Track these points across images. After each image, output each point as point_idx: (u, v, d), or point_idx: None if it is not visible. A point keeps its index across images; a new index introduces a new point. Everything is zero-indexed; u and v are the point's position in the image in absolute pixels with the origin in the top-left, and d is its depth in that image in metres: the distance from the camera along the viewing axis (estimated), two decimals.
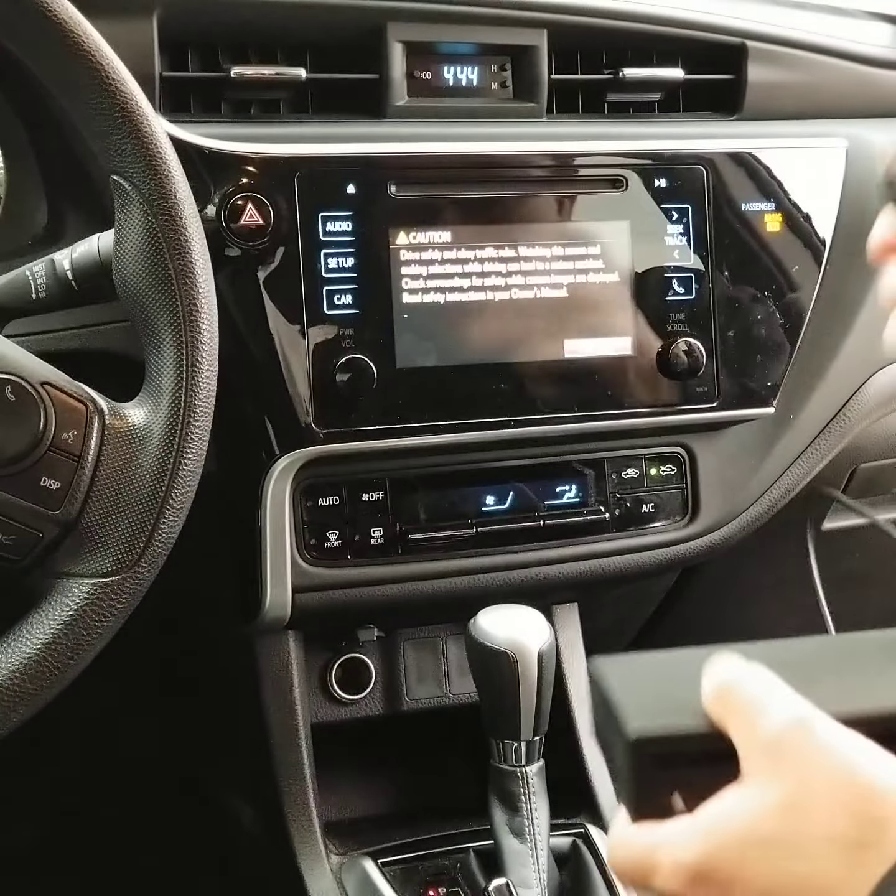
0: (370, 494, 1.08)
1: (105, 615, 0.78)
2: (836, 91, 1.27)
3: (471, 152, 1.07)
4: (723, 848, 0.55)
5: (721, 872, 0.55)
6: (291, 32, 1.08)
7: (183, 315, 0.79)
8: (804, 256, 1.17)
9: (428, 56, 1.12)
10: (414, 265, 1.04)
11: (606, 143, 1.12)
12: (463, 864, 1.09)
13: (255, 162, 1.00)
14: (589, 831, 1.13)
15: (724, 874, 0.54)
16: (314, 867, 1.10)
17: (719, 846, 0.55)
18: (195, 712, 1.42)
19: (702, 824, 0.56)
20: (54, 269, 0.87)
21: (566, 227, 1.09)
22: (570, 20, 1.15)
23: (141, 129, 0.79)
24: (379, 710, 1.19)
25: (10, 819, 1.49)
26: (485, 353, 1.06)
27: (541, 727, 1.02)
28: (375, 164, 1.03)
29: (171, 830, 1.50)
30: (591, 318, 1.09)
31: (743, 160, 1.14)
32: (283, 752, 1.12)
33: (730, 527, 1.21)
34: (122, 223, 0.81)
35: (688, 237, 1.12)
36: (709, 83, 1.22)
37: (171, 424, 0.79)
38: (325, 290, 1.01)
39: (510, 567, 1.13)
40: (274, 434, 1.02)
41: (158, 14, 1.02)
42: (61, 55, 0.78)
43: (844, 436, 1.24)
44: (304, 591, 1.07)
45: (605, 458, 1.15)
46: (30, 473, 0.76)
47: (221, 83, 1.06)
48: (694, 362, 1.10)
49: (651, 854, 0.58)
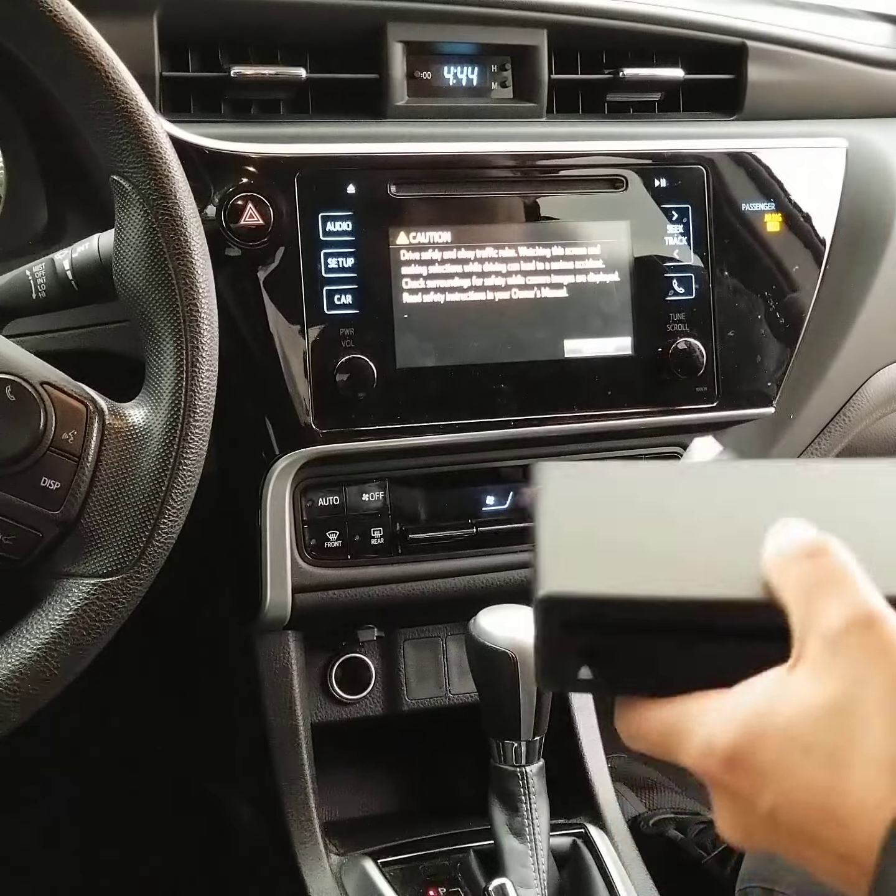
0: (370, 494, 1.08)
1: (105, 615, 0.78)
2: (837, 91, 1.27)
3: (471, 152, 1.07)
4: (763, 737, 0.51)
5: (756, 763, 0.51)
6: (291, 32, 1.08)
7: (183, 315, 0.79)
8: (804, 256, 1.17)
9: (428, 56, 1.12)
10: (414, 265, 1.04)
11: (606, 143, 1.12)
12: (463, 864, 1.09)
13: (255, 162, 1.00)
14: (589, 831, 1.13)
15: (758, 766, 0.51)
16: (314, 867, 1.10)
17: (760, 734, 0.51)
18: (195, 712, 1.42)
19: (743, 705, 0.52)
20: (54, 268, 0.87)
21: (566, 227, 1.09)
22: (570, 20, 1.15)
23: (141, 129, 0.79)
24: (379, 710, 1.19)
25: (10, 819, 1.49)
26: (485, 353, 1.06)
27: (541, 727, 1.02)
28: (375, 164, 1.03)
29: (170, 830, 1.50)
30: (591, 318, 1.09)
31: (743, 160, 1.14)
32: (283, 752, 1.12)
33: None
34: (122, 223, 0.81)
35: (688, 237, 1.12)
36: (709, 83, 1.22)
37: (171, 424, 0.79)
38: (325, 290, 1.01)
39: (510, 567, 1.13)
40: (274, 434, 1.02)
41: (158, 14, 1.02)
42: (61, 55, 0.78)
43: (844, 436, 1.24)
44: (304, 590, 1.07)
45: (605, 458, 1.15)
46: (30, 473, 0.76)
47: (221, 83, 1.06)
48: (694, 362, 1.10)
49: (681, 726, 0.53)
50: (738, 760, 0.51)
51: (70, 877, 1.50)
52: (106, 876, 1.50)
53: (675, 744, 0.54)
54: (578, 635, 0.55)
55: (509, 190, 1.08)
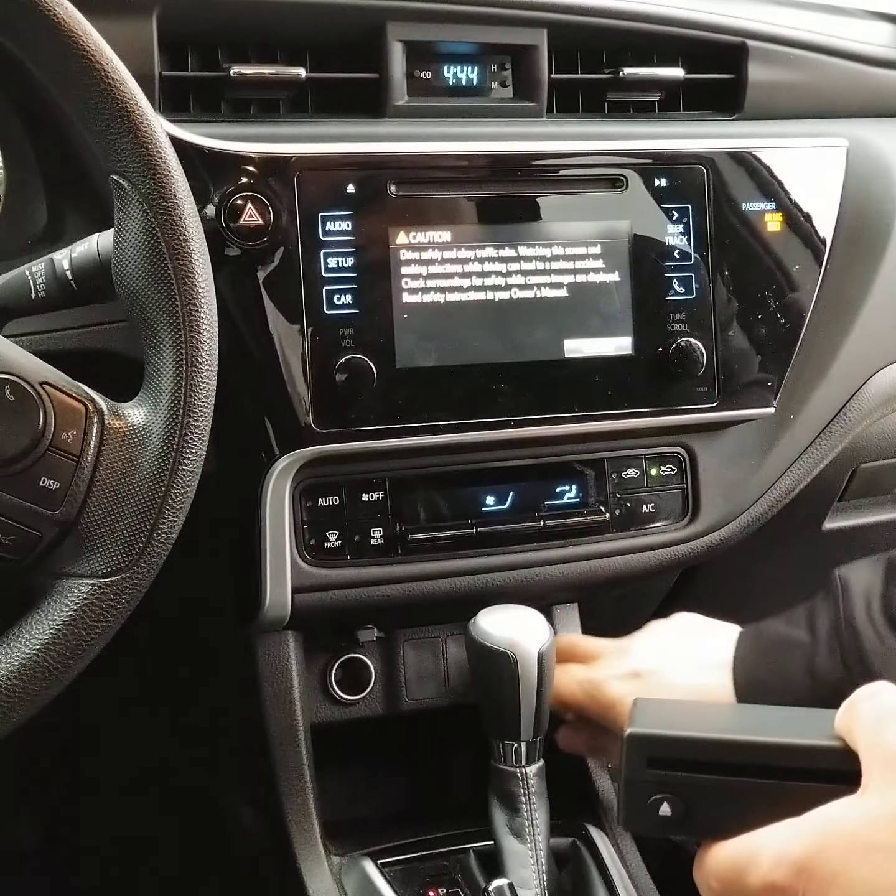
0: (370, 494, 1.08)
1: (105, 615, 0.78)
2: (837, 90, 1.27)
3: (471, 152, 1.07)
4: (831, 847, 0.56)
5: (825, 870, 0.55)
6: (291, 32, 1.08)
7: (182, 315, 0.79)
8: (805, 256, 1.17)
9: (428, 56, 1.12)
10: (414, 265, 1.04)
11: (606, 142, 1.12)
12: (463, 864, 1.09)
13: (255, 162, 0.99)
14: (589, 831, 1.13)
15: (827, 872, 0.55)
16: (314, 867, 1.09)
17: (828, 844, 0.56)
18: (194, 713, 1.42)
19: (811, 823, 0.57)
20: (53, 268, 0.87)
21: (566, 226, 1.09)
22: (570, 19, 1.14)
23: (140, 128, 0.79)
24: (379, 710, 1.19)
25: (11, 819, 1.49)
26: (485, 353, 1.06)
27: (541, 727, 1.02)
28: (375, 164, 1.03)
29: (170, 830, 1.50)
30: (591, 318, 1.09)
31: (743, 160, 1.14)
32: (282, 753, 1.12)
33: (730, 527, 1.20)
34: (121, 223, 0.81)
35: (688, 237, 1.12)
36: (709, 82, 1.22)
37: (170, 424, 0.79)
38: (325, 290, 1.01)
39: (510, 567, 1.13)
40: (273, 434, 1.02)
41: (158, 13, 1.02)
42: (61, 54, 0.78)
43: (845, 436, 1.24)
44: (304, 591, 1.06)
45: (605, 459, 1.15)
46: (29, 473, 0.76)
47: (221, 83, 1.06)
48: (694, 362, 1.10)
49: (752, 847, 0.59)
50: (806, 868, 0.56)
51: (70, 877, 1.50)
52: (106, 876, 1.50)
53: (744, 865, 0.59)
54: (661, 772, 0.60)
55: (509, 190, 1.07)
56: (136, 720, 1.46)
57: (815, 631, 0.96)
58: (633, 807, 0.63)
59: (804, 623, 0.98)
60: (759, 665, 0.97)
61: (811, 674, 0.93)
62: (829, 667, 0.93)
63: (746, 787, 0.61)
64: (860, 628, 0.93)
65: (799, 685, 0.93)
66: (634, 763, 0.62)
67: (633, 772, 0.62)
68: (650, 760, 0.61)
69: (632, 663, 1.05)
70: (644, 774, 0.62)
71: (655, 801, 0.61)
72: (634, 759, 0.62)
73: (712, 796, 0.61)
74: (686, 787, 0.61)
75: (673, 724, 0.64)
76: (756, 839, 0.59)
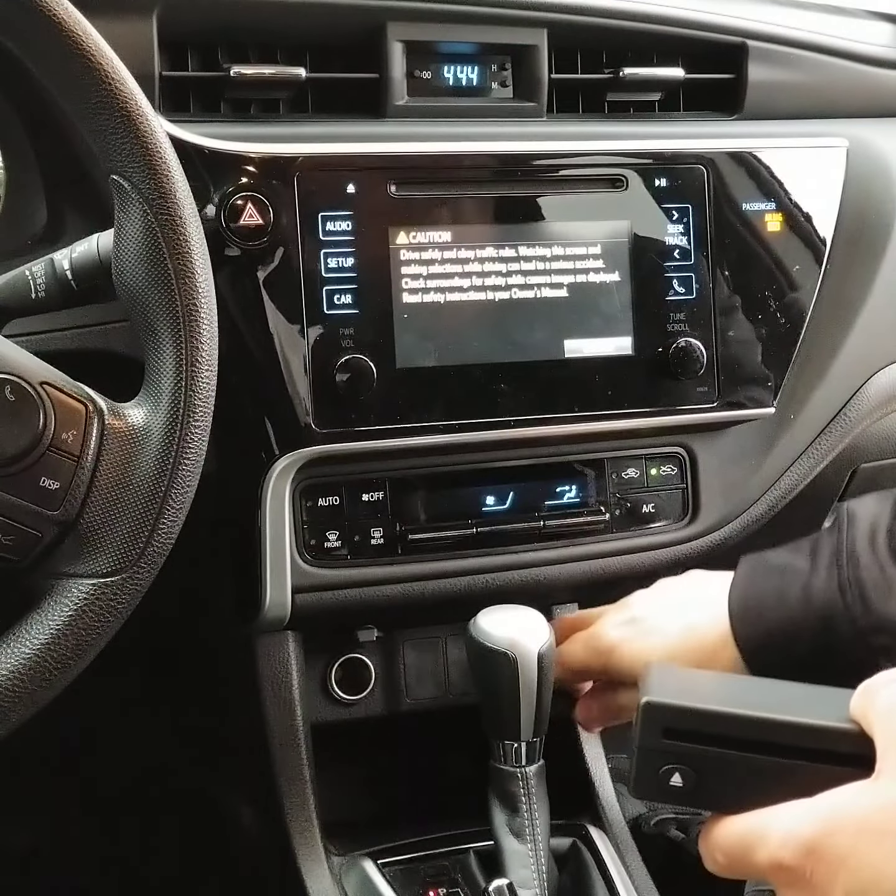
0: (370, 494, 1.08)
1: (105, 615, 0.78)
2: (837, 91, 1.27)
3: (471, 152, 1.07)
4: (841, 830, 0.55)
5: (834, 852, 0.55)
6: (291, 32, 1.08)
7: (182, 315, 0.79)
8: (805, 256, 1.17)
9: (428, 56, 1.12)
10: (414, 265, 1.04)
11: (606, 142, 1.12)
12: (463, 864, 1.09)
13: (255, 162, 0.99)
14: (589, 831, 1.13)
15: (836, 854, 0.55)
16: (314, 868, 1.09)
17: (838, 827, 0.55)
18: (194, 713, 1.42)
19: (822, 805, 0.57)
20: (54, 268, 0.87)
21: (566, 226, 1.09)
22: (570, 19, 1.14)
23: (141, 128, 0.79)
24: (379, 710, 1.19)
25: (11, 819, 1.49)
26: (485, 353, 1.06)
27: (541, 728, 1.02)
28: (375, 163, 1.03)
29: (170, 830, 1.50)
30: (591, 318, 1.09)
31: (743, 160, 1.14)
32: (282, 753, 1.12)
33: (730, 527, 1.20)
34: (121, 223, 0.81)
35: (688, 237, 1.12)
36: (709, 83, 1.22)
37: (170, 424, 0.79)
38: (325, 290, 1.01)
39: (510, 567, 1.13)
40: (274, 434, 1.02)
41: (158, 13, 1.02)
42: (61, 54, 0.78)
43: (845, 436, 1.24)
44: (304, 591, 1.06)
45: (605, 459, 1.15)
46: (29, 473, 0.76)
47: (221, 83, 1.06)
48: (694, 362, 1.10)
49: (761, 826, 0.58)
50: (815, 849, 0.56)
51: (70, 877, 1.50)
52: (105, 876, 1.50)
53: (752, 842, 0.59)
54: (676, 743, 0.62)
55: (509, 189, 1.07)
56: (135, 720, 1.46)
57: (816, 557, 0.94)
58: (644, 775, 0.63)
59: (807, 550, 0.96)
60: (755, 587, 0.96)
61: (806, 596, 0.92)
62: (823, 588, 0.91)
63: (760, 763, 0.61)
64: (860, 555, 0.91)
65: (793, 608, 0.92)
66: (649, 731, 0.62)
67: (647, 740, 0.62)
68: (666, 731, 0.61)
69: (629, 611, 1.04)
70: (658, 744, 0.62)
71: (667, 770, 0.61)
72: (649, 727, 0.62)
73: (725, 770, 0.61)
74: (699, 759, 0.61)
75: (689, 695, 0.64)
76: (766, 816, 0.59)
